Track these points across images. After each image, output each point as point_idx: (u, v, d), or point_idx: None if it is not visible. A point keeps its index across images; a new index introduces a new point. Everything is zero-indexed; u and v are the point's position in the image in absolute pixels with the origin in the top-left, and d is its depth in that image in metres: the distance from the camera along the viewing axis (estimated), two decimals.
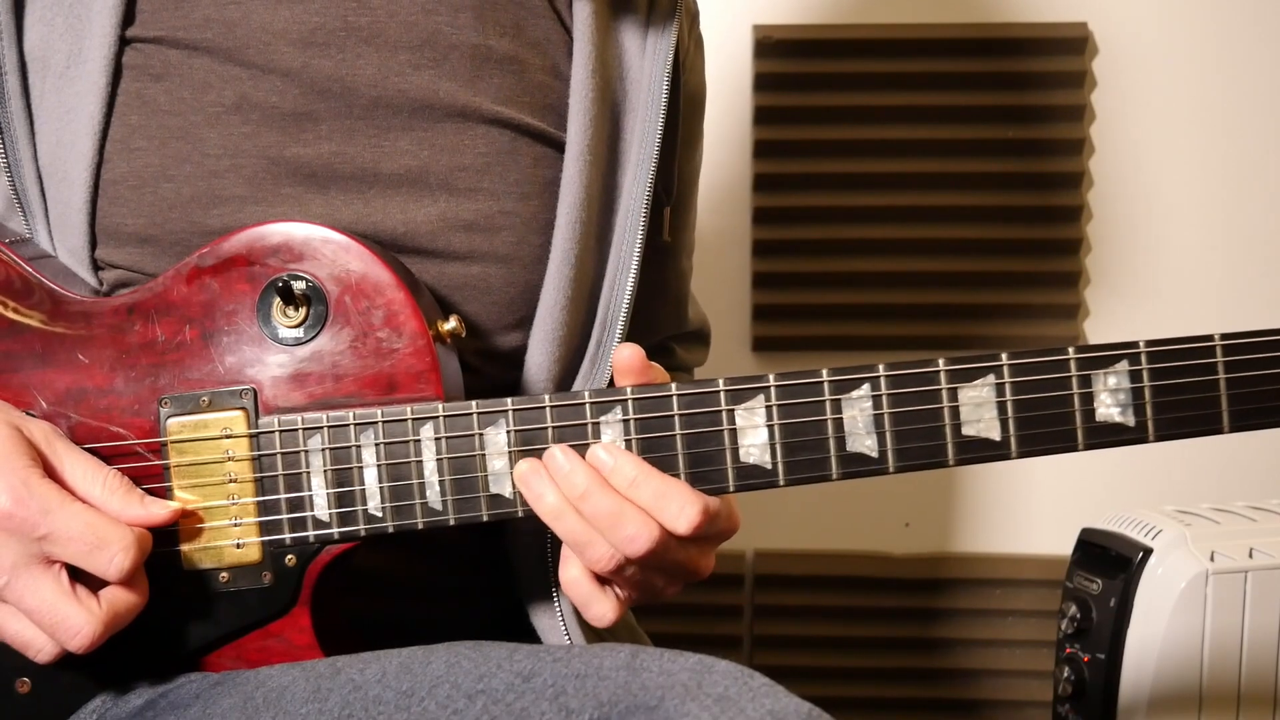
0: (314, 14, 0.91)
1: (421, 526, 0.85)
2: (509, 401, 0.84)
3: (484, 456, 0.84)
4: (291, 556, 0.85)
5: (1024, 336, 1.88)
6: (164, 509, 0.82)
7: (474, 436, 0.84)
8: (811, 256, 1.88)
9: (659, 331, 1.16)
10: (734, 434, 0.84)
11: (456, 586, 1.00)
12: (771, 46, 1.83)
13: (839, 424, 0.83)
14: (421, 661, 0.78)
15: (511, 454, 0.84)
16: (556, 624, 0.95)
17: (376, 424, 0.84)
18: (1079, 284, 1.87)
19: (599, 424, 0.84)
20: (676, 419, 0.84)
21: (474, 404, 0.84)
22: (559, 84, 0.98)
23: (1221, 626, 1.34)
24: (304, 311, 0.85)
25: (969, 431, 0.83)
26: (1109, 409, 0.83)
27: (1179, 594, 1.33)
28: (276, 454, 0.85)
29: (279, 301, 0.85)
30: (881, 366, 0.83)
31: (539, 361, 0.95)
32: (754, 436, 0.83)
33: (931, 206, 1.86)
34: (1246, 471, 1.88)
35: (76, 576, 0.79)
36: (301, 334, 0.85)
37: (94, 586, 0.79)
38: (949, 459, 0.83)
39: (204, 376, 0.86)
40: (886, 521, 1.92)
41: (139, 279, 0.90)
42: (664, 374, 0.88)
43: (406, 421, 0.84)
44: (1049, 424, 0.83)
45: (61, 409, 0.86)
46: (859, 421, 0.83)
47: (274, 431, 0.85)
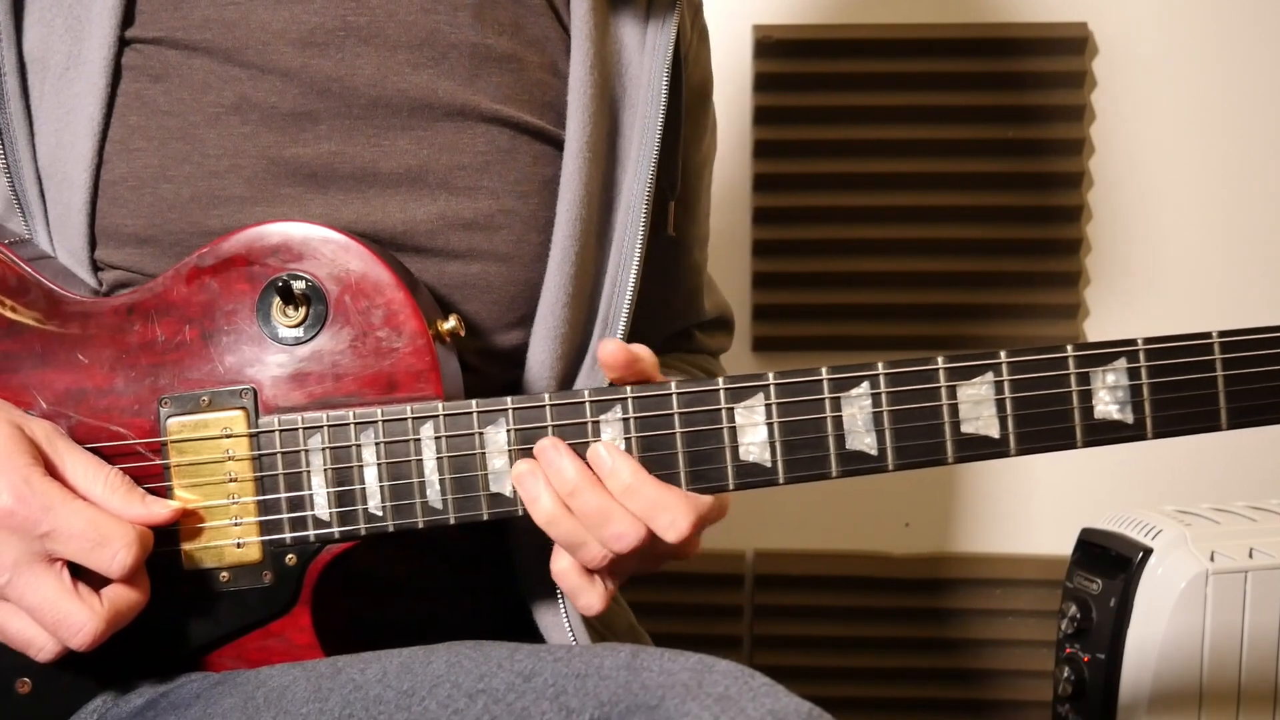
0: (313, 14, 0.92)
1: (422, 525, 0.85)
2: (509, 400, 0.84)
3: (484, 455, 0.84)
4: (292, 556, 0.85)
5: (1024, 336, 1.88)
6: (165, 508, 0.82)
7: (474, 435, 0.84)
8: (811, 256, 1.88)
9: (674, 324, 1.16)
10: (733, 432, 0.84)
11: (457, 586, 1.00)
12: (771, 46, 1.83)
13: (838, 422, 0.83)
14: (422, 661, 0.78)
15: (511, 453, 0.84)
16: (560, 622, 0.95)
17: (376, 423, 0.84)
18: (1079, 284, 1.87)
19: (599, 423, 0.84)
20: (676, 418, 0.84)
21: (474, 403, 0.84)
22: (558, 82, 0.98)
23: (1221, 626, 1.34)
24: (304, 311, 0.85)
25: (968, 429, 0.83)
26: (1107, 406, 0.83)
27: (1179, 594, 1.33)
28: (277, 453, 0.85)
29: (279, 301, 0.85)
30: (881, 365, 0.83)
31: (540, 360, 0.95)
32: (753, 435, 0.83)
33: (931, 206, 1.86)
34: (1246, 471, 1.88)
35: (78, 574, 0.79)
36: (301, 333, 0.85)
37: (95, 584, 0.79)
38: (948, 457, 0.83)
39: (204, 376, 0.86)
40: (886, 521, 1.92)
41: (139, 279, 0.90)
42: (655, 367, 0.87)
43: (406, 421, 0.84)
44: (1048, 421, 0.83)
45: (61, 409, 0.86)
46: (858, 419, 0.83)
47: (274, 431, 0.85)
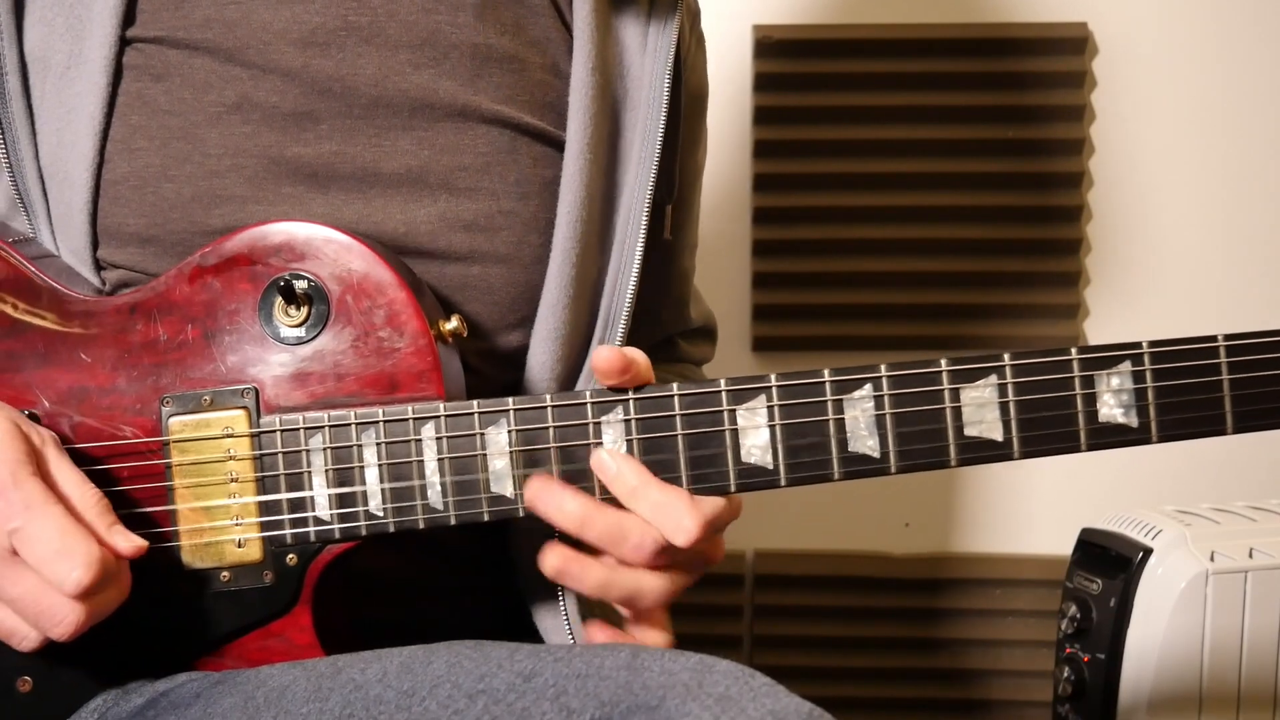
0: (314, 14, 0.91)
1: (423, 526, 0.85)
2: (510, 401, 0.84)
3: (485, 456, 0.84)
4: (293, 556, 0.85)
5: (1024, 336, 1.88)
6: (127, 542, 0.79)
7: (475, 436, 0.84)
8: (811, 256, 1.88)
9: (661, 330, 1.16)
10: (735, 434, 0.84)
11: (458, 586, 1.00)
12: (771, 46, 1.83)
13: (841, 424, 0.83)
14: (423, 661, 0.78)
15: (513, 454, 0.84)
16: (560, 623, 0.95)
17: (378, 423, 0.84)
18: (1079, 284, 1.87)
19: (600, 424, 0.84)
20: (678, 419, 0.84)
21: (475, 404, 0.84)
22: (559, 82, 0.98)
23: (1221, 626, 1.34)
24: (306, 311, 0.85)
25: (971, 432, 0.83)
26: (1112, 410, 0.83)
27: (1179, 594, 1.33)
28: (278, 453, 0.85)
29: (281, 301, 0.85)
30: (884, 367, 0.83)
31: (541, 361, 0.95)
32: (755, 437, 0.83)
33: (931, 206, 1.86)
34: (1246, 471, 1.88)
35: None
36: (303, 333, 0.85)
37: None
38: (951, 460, 0.83)
39: (206, 376, 0.86)
40: (886, 521, 1.92)
41: (141, 279, 0.90)
42: (649, 371, 0.86)
43: (408, 421, 0.84)
44: (1052, 425, 0.83)
45: (63, 408, 0.86)
46: (861, 422, 0.83)
47: (275, 431, 0.85)
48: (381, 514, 0.85)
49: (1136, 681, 1.34)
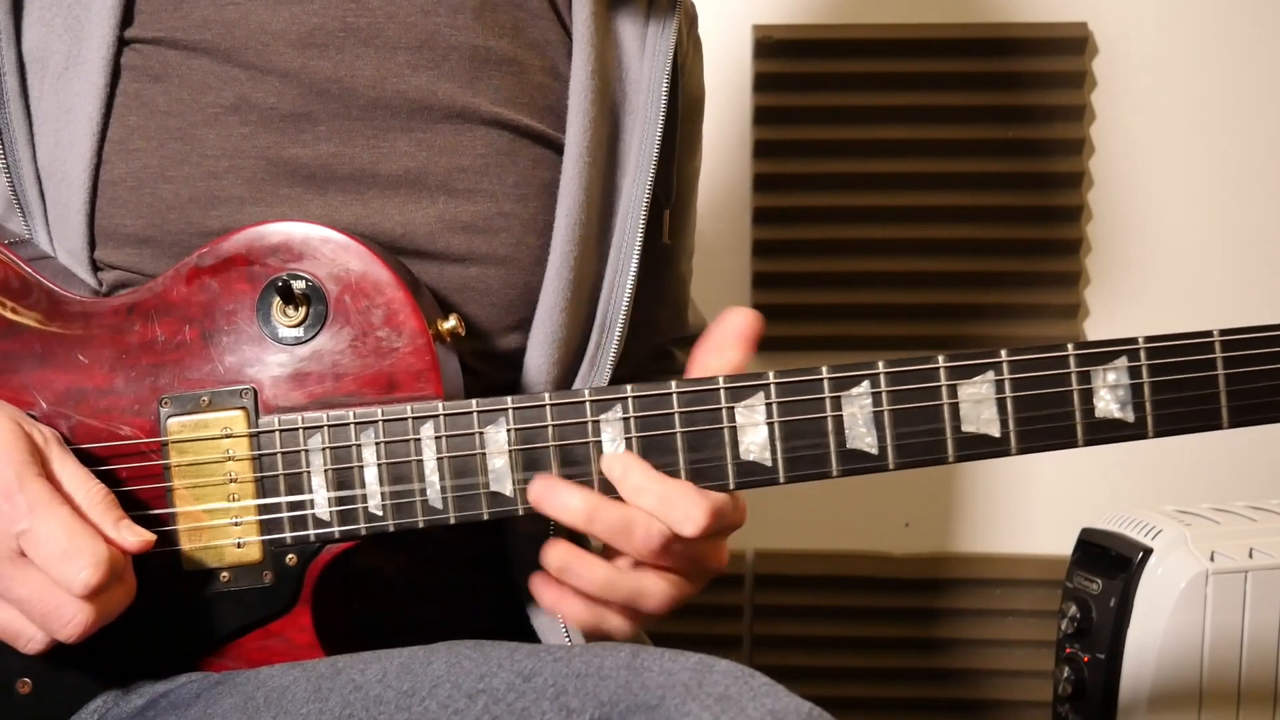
0: (313, 15, 0.92)
1: (422, 525, 0.85)
2: (509, 400, 0.84)
3: (484, 455, 0.84)
4: (292, 556, 0.85)
5: (1024, 336, 1.88)
6: (135, 536, 0.79)
7: (474, 435, 0.84)
8: (811, 256, 1.88)
9: (658, 335, 1.16)
10: (734, 432, 0.84)
11: (457, 586, 0.99)
12: (771, 46, 1.83)
13: (839, 421, 0.83)
14: (422, 661, 0.78)
15: (512, 452, 0.84)
16: (556, 624, 0.95)
17: (377, 423, 0.84)
18: (1079, 284, 1.87)
19: (599, 422, 0.84)
20: (676, 417, 0.84)
21: (474, 403, 0.84)
22: (558, 85, 0.98)
23: (1221, 626, 1.34)
24: (304, 311, 0.85)
25: (969, 428, 0.83)
26: (1108, 405, 0.83)
27: (1179, 594, 1.33)
28: (277, 453, 0.85)
29: (279, 301, 0.85)
30: (881, 363, 0.83)
31: (538, 363, 0.95)
32: (754, 434, 0.84)
33: (931, 206, 1.86)
34: (1246, 471, 1.88)
35: None
36: (301, 333, 0.85)
37: None
38: (949, 456, 0.83)
39: (204, 376, 0.86)
40: (886, 521, 1.92)
41: (138, 280, 0.90)
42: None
43: (406, 420, 0.84)
44: (1049, 420, 0.83)
45: (61, 409, 0.85)
46: (859, 418, 0.83)
47: (274, 431, 0.85)
48: (381, 513, 0.85)
49: (1136, 681, 1.34)
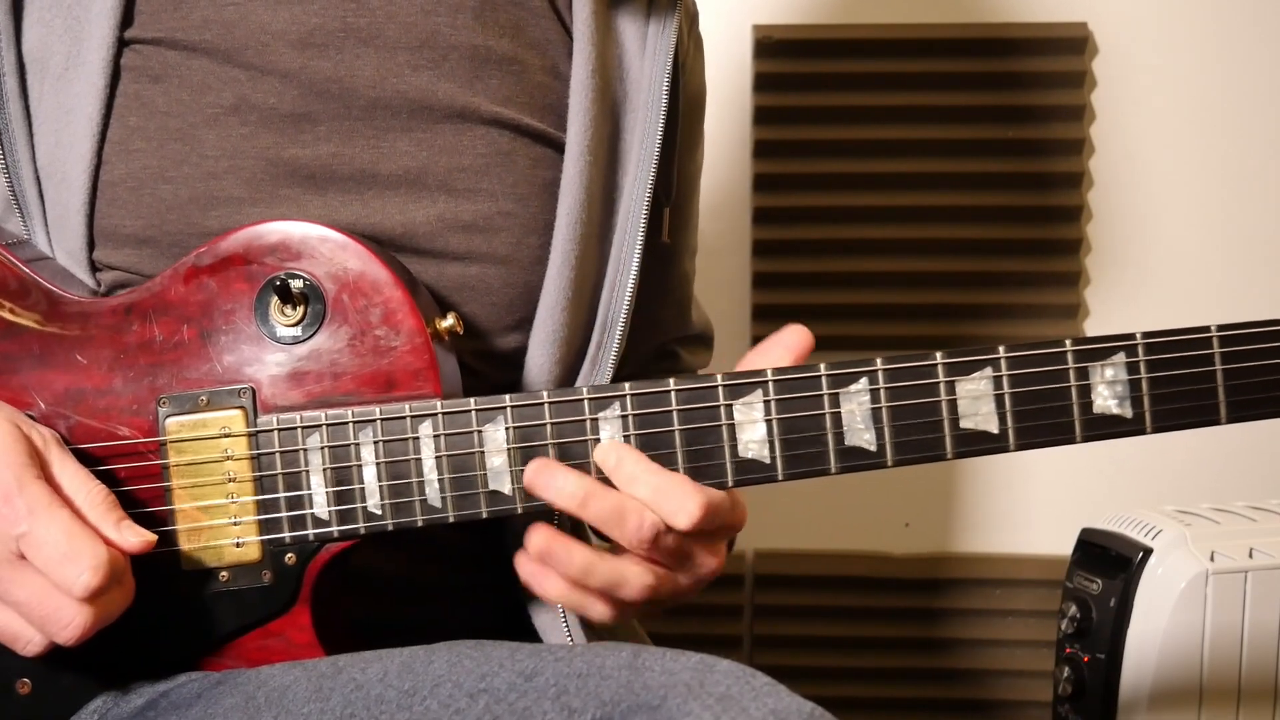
0: (313, 15, 0.92)
1: (421, 524, 0.85)
2: (507, 398, 0.84)
3: (483, 454, 0.84)
4: (291, 555, 0.85)
5: (1024, 337, 1.86)
6: (136, 537, 0.79)
7: (473, 434, 0.84)
8: (811, 256, 1.88)
9: (661, 334, 1.16)
10: (732, 429, 0.84)
11: (457, 586, 0.99)
12: (771, 46, 1.83)
13: (837, 418, 0.83)
14: (423, 661, 0.78)
15: (510, 451, 0.84)
16: (558, 623, 0.95)
17: (375, 422, 0.84)
18: (1079, 284, 1.87)
19: (597, 420, 0.84)
20: (675, 414, 0.84)
21: (472, 401, 0.84)
22: (558, 84, 0.98)
23: (1221, 626, 1.34)
24: (302, 310, 0.85)
25: (967, 424, 0.83)
26: (1106, 401, 0.83)
27: (1179, 594, 1.33)
28: (275, 453, 0.85)
29: (277, 300, 0.85)
30: (879, 360, 0.83)
31: (539, 363, 0.95)
32: (752, 431, 0.83)
33: (931, 206, 1.86)
34: (1246, 471, 1.88)
35: None
36: (299, 332, 0.85)
37: None
38: (947, 452, 0.83)
39: (202, 376, 0.86)
40: (886, 521, 1.92)
41: (137, 280, 0.90)
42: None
43: (405, 419, 0.84)
44: (1047, 416, 0.83)
45: (60, 409, 0.85)
46: (857, 415, 0.83)
47: (273, 430, 0.85)
48: (380, 512, 0.85)
49: (1136, 681, 1.34)
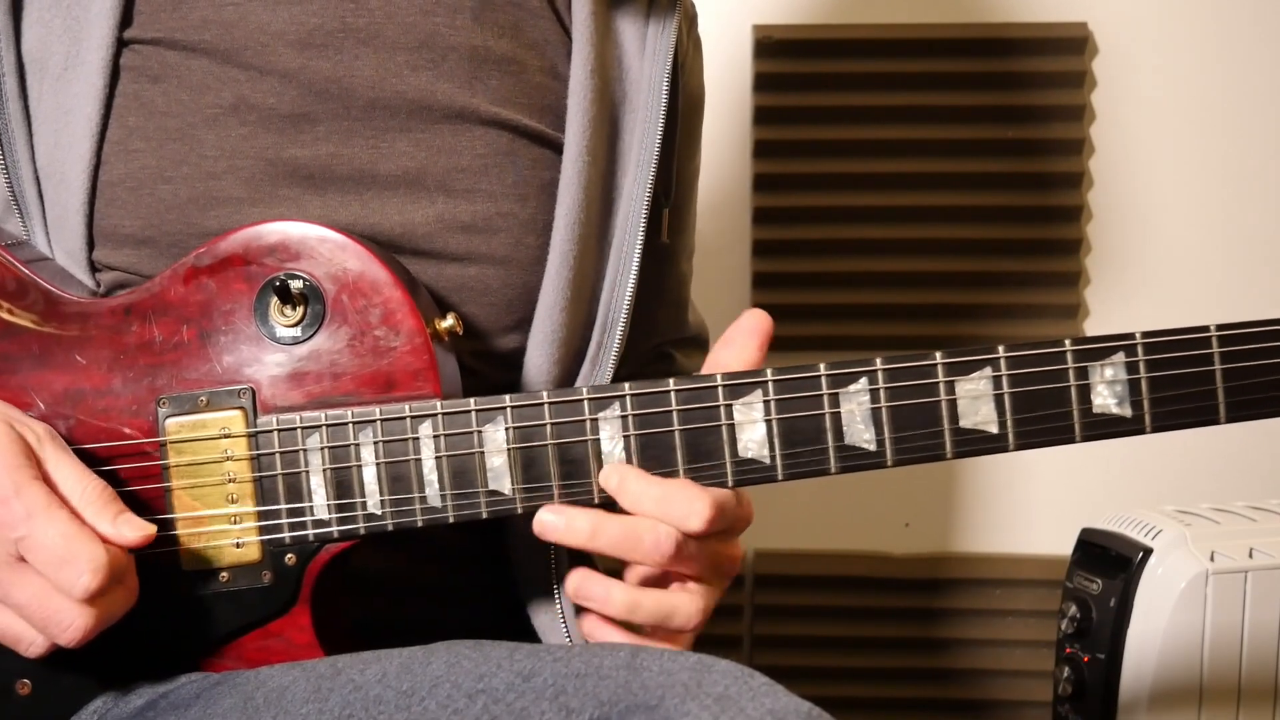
0: (312, 15, 0.91)
1: (421, 524, 0.85)
2: (507, 398, 0.84)
3: (483, 454, 0.84)
4: (291, 555, 0.85)
5: (1024, 337, 1.86)
6: (135, 531, 0.78)
7: (472, 434, 0.84)
8: (811, 256, 1.88)
9: (658, 335, 1.16)
10: (732, 429, 0.84)
11: (457, 586, 0.99)
12: (771, 46, 1.83)
13: (836, 418, 0.83)
14: (422, 661, 0.78)
15: (510, 451, 0.84)
16: (556, 623, 0.95)
17: (375, 422, 0.84)
18: (1079, 284, 1.87)
19: (597, 420, 0.84)
20: (674, 414, 0.84)
21: (472, 401, 0.84)
22: (557, 85, 0.98)
23: (1221, 626, 1.34)
24: (301, 310, 0.85)
25: (966, 424, 0.83)
26: (1106, 400, 0.83)
27: (1179, 594, 1.33)
28: (275, 453, 0.85)
29: (276, 301, 0.85)
30: (879, 360, 0.83)
31: (538, 364, 0.95)
32: (752, 431, 0.83)
33: (931, 206, 1.86)
34: (1246, 471, 1.88)
35: None
36: (299, 333, 0.85)
37: None
38: (947, 452, 0.83)
39: (202, 376, 0.86)
40: (886, 521, 1.92)
41: (136, 281, 0.90)
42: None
43: (405, 420, 0.84)
44: (1046, 416, 0.83)
45: (60, 410, 0.85)
46: (857, 415, 0.83)
47: (272, 431, 0.85)
48: (380, 513, 0.85)
49: (1136, 681, 1.34)
